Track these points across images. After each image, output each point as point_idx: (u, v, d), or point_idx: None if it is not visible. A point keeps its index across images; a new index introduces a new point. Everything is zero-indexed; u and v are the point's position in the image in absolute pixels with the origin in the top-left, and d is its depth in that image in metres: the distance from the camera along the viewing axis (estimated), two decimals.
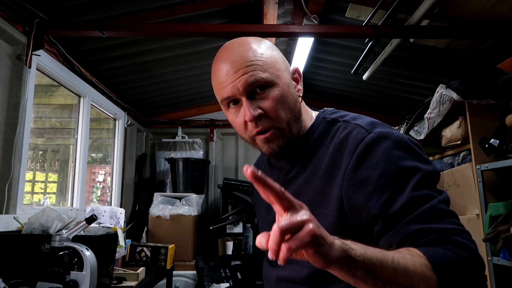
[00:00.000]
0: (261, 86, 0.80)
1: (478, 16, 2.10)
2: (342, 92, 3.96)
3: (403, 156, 0.74)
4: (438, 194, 0.75)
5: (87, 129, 2.87)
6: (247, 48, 0.84)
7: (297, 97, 0.87)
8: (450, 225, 0.71)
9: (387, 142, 0.75)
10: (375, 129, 0.78)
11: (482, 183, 2.11)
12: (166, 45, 2.80)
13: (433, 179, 0.77)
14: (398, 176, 0.73)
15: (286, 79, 0.84)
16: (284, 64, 0.86)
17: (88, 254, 1.32)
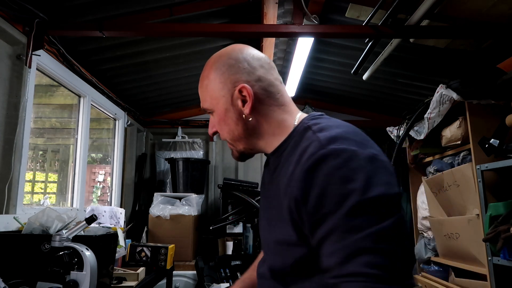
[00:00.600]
0: (207, 111, 0.94)
1: (478, 16, 2.10)
2: (342, 92, 3.96)
3: (346, 178, 0.69)
4: (375, 223, 0.66)
5: (87, 129, 2.87)
6: (201, 77, 0.97)
7: (240, 117, 0.89)
8: (357, 268, 0.64)
9: (335, 161, 0.70)
10: (330, 145, 0.73)
11: (482, 183, 2.11)
12: (166, 45, 2.80)
13: (376, 206, 0.68)
14: (333, 200, 0.68)
15: (224, 105, 0.89)
16: (223, 88, 0.89)
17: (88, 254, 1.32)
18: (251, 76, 0.88)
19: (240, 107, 0.88)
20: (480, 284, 2.26)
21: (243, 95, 0.87)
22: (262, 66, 0.90)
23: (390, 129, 3.36)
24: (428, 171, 2.83)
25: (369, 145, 0.76)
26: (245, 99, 0.87)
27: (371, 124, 4.24)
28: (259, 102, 0.88)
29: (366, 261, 0.64)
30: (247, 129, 0.90)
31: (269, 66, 0.92)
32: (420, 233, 3.09)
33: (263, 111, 0.89)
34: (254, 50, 0.94)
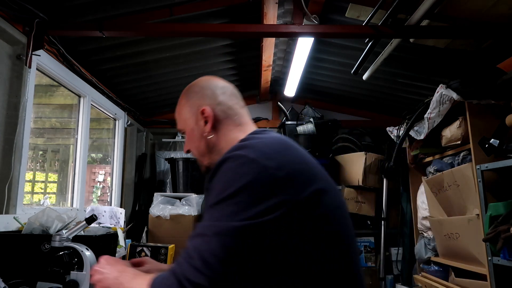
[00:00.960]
0: (181, 132, 1.12)
1: (478, 16, 2.10)
2: (342, 92, 3.96)
3: (228, 179, 0.82)
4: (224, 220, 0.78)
5: (87, 129, 2.86)
6: (178, 103, 1.13)
7: (203, 135, 1.05)
8: (188, 247, 0.79)
9: (226, 164, 0.84)
10: (234, 151, 0.85)
11: (482, 183, 2.11)
12: (166, 45, 2.80)
13: (233, 205, 0.79)
14: (213, 203, 0.82)
15: (190, 125, 1.07)
16: (190, 111, 1.07)
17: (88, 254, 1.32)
18: (213, 100, 1.05)
19: (203, 126, 1.04)
20: (480, 284, 2.26)
21: (204, 115, 1.04)
22: (224, 93, 1.08)
23: (390, 129, 3.36)
24: (428, 171, 2.83)
25: (275, 158, 0.83)
26: (207, 119, 1.04)
27: (371, 124, 4.24)
28: (218, 122, 1.04)
29: (194, 244, 0.78)
30: (208, 146, 1.05)
31: (230, 93, 1.09)
32: (420, 233, 3.09)
33: (222, 130, 1.04)
34: (220, 80, 1.12)
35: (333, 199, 0.87)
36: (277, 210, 0.77)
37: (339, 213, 0.88)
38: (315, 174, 0.87)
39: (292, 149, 0.89)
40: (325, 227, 0.83)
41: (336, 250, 0.84)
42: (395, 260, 3.60)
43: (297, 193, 0.80)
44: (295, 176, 0.81)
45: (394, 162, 3.28)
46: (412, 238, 3.31)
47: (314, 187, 0.82)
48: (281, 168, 0.81)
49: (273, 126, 4.25)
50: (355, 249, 0.92)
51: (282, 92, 3.95)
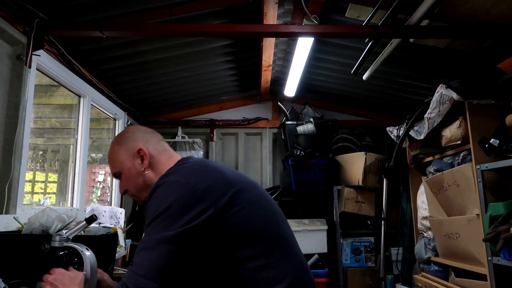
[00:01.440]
0: (117, 175, 1.25)
1: (478, 16, 2.10)
2: (342, 92, 3.96)
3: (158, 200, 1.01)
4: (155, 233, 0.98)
5: (87, 129, 2.86)
6: (109, 151, 1.27)
7: (140, 171, 1.21)
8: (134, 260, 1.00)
9: (157, 190, 1.04)
10: (157, 181, 1.07)
11: (482, 183, 2.11)
12: (166, 45, 2.79)
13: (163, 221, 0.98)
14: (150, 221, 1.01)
15: (127, 165, 1.22)
16: (126, 153, 1.23)
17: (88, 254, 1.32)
18: (145, 142, 1.25)
19: (140, 164, 1.21)
20: (480, 284, 2.26)
21: (141, 154, 1.21)
22: (153, 137, 1.29)
23: (390, 129, 3.36)
24: (428, 171, 2.83)
25: (194, 177, 1.04)
26: (143, 157, 1.21)
27: (371, 124, 4.24)
28: (152, 158, 1.22)
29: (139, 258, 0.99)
30: (145, 181, 1.20)
31: (154, 135, 1.32)
32: (420, 233, 3.09)
33: (156, 165, 1.21)
34: (145, 127, 1.34)
35: (251, 193, 1.09)
36: (201, 216, 0.96)
37: (262, 203, 1.10)
38: (231, 181, 1.07)
39: (208, 168, 1.10)
40: (247, 220, 1.02)
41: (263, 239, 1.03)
42: (395, 260, 3.60)
43: (216, 200, 0.99)
44: (212, 187, 1.01)
45: (394, 162, 3.28)
46: (412, 238, 3.31)
47: (232, 191, 1.03)
48: (199, 183, 1.01)
49: (273, 126, 4.25)
50: (282, 230, 1.11)
51: (282, 92, 3.95)
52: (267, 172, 4.17)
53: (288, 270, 1.03)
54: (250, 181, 1.16)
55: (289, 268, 1.04)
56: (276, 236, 1.07)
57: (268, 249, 1.02)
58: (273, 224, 1.09)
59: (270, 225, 1.08)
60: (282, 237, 1.09)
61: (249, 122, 4.25)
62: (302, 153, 3.58)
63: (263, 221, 1.06)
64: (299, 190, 3.71)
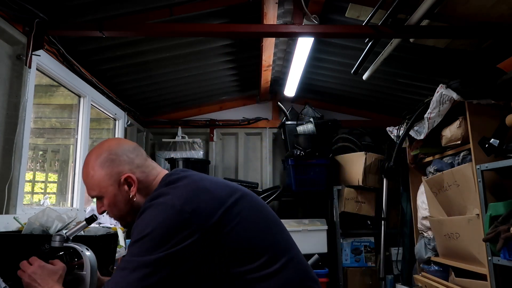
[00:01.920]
0: (98, 197, 1.16)
1: (478, 16, 2.10)
2: (342, 92, 3.96)
3: (141, 224, 0.99)
4: (136, 255, 0.96)
5: (87, 129, 2.86)
6: (84, 170, 1.16)
7: (128, 199, 1.13)
8: (112, 277, 0.99)
9: (145, 212, 1.02)
10: (145, 204, 1.05)
11: (482, 183, 2.11)
12: (166, 45, 2.79)
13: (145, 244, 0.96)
14: (133, 241, 0.99)
15: (112, 192, 1.13)
16: (111, 179, 1.13)
17: (88, 254, 1.32)
18: (132, 165, 1.14)
19: (127, 190, 1.13)
20: (480, 284, 2.26)
21: (128, 181, 1.13)
22: (137, 155, 1.17)
23: (390, 129, 3.36)
24: (428, 171, 2.83)
25: (181, 197, 1.01)
26: (130, 184, 1.13)
27: (371, 124, 4.24)
28: (140, 183, 1.14)
29: (117, 277, 0.96)
30: (133, 207, 1.14)
31: (139, 151, 1.18)
32: (420, 233, 3.09)
33: (143, 190, 1.14)
34: (127, 142, 1.21)
35: (243, 206, 1.06)
36: (186, 241, 0.94)
37: (254, 214, 1.08)
38: (221, 199, 1.04)
39: (197, 189, 1.05)
40: (242, 235, 1.01)
41: (260, 251, 1.01)
42: (395, 260, 3.61)
43: (204, 222, 0.97)
44: (199, 209, 0.98)
45: (394, 162, 3.29)
46: (412, 238, 3.31)
47: (222, 209, 1.01)
48: (186, 205, 0.98)
49: (273, 126, 4.25)
50: (279, 237, 1.10)
51: (282, 92, 3.95)
52: (267, 172, 4.17)
53: (289, 276, 1.03)
54: (241, 190, 1.12)
55: (290, 275, 1.03)
56: (273, 245, 1.06)
57: (267, 259, 1.02)
58: (269, 233, 1.09)
59: (266, 235, 1.07)
60: (279, 244, 1.08)
61: (249, 122, 4.25)
62: (302, 153, 3.58)
63: (259, 233, 1.05)
64: (299, 190, 3.71)
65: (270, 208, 1.18)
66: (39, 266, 1.17)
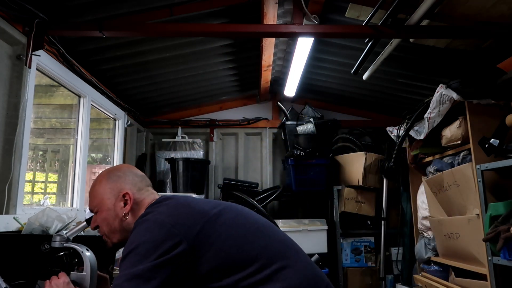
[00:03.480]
0: (92, 210, 1.26)
1: (478, 16, 2.10)
2: (342, 92, 3.96)
3: (132, 239, 1.04)
4: (129, 268, 0.98)
5: (87, 129, 2.86)
6: (93, 182, 1.27)
7: (121, 216, 1.20)
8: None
9: (136, 229, 1.08)
10: (142, 218, 1.10)
11: (482, 183, 2.11)
12: (166, 45, 2.79)
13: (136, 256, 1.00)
14: (123, 257, 1.03)
15: (107, 205, 1.21)
16: (112, 192, 1.22)
17: (88, 254, 1.32)
18: (134, 186, 1.23)
19: (121, 207, 1.20)
20: (480, 284, 2.26)
21: (125, 198, 1.20)
22: (141, 181, 1.26)
23: (390, 129, 3.36)
24: (428, 171, 2.83)
25: (164, 213, 1.08)
26: (126, 202, 1.20)
27: (371, 124, 4.24)
28: (135, 204, 1.21)
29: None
30: (122, 226, 1.20)
31: (144, 179, 1.29)
32: (420, 233, 3.09)
33: (137, 211, 1.20)
34: (137, 169, 1.32)
35: (227, 217, 1.10)
36: (172, 251, 0.98)
37: (241, 222, 1.12)
38: (201, 212, 1.09)
39: (180, 205, 1.11)
40: (228, 244, 1.04)
41: (250, 257, 1.03)
42: (395, 260, 3.61)
43: (186, 233, 1.01)
44: (180, 221, 1.04)
45: (394, 162, 3.29)
46: (412, 238, 3.31)
47: (203, 221, 1.05)
48: (167, 219, 1.04)
49: (273, 126, 4.25)
50: (273, 246, 1.10)
51: (282, 92, 3.95)
52: (267, 172, 4.17)
53: (288, 275, 1.02)
54: (224, 204, 1.18)
55: (290, 274, 1.03)
56: (265, 251, 1.06)
57: (259, 266, 1.02)
58: (259, 239, 1.09)
59: (255, 242, 1.08)
60: (272, 250, 1.08)
61: (249, 122, 4.25)
62: (302, 153, 3.58)
63: (247, 241, 1.07)
64: (299, 190, 3.71)
65: (259, 216, 1.20)
66: (64, 282, 1.22)
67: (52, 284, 1.21)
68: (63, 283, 1.21)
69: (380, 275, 3.56)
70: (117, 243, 1.24)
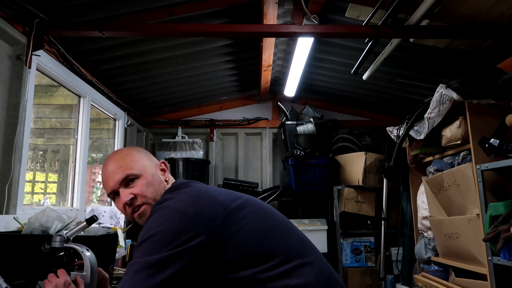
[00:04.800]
0: (132, 179, 1.20)
1: (478, 16, 2.10)
2: (342, 92, 3.96)
3: (149, 226, 1.03)
4: (145, 255, 0.98)
5: (87, 129, 2.86)
6: (122, 153, 1.28)
7: (162, 181, 1.24)
8: (124, 276, 0.98)
9: (154, 215, 1.05)
10: (154, 207, 1.10)
11: (482, 183, 2.11)
12: (166, 45, 2.79)
13: (146, 264, 0.97)
14: (138, 244, 1.02)
15: (151, 171, 1.23)
16: (150, 161, 1.27)
17: (88, 254, 1.32)
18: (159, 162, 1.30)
19: (161, 174, 1.26)
20: (480, 284, 2.26)
21: (162, 167, 1.28)
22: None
23: (390, 129, 3.36)
24: (428, 171, 2.83)
25: (184, 201, 1.06)
26: (164, 169, 1.28)
27: (371, 124, 4.24)
28: (169, 172, 1.29)
29: (128, 274, 0.97)
30: (163, 188, 1.22)
31: None
32: (420, 233, 3.09)
33: (170, 179, 1.28)
34: None
35: (248, 210, 1.09)
36: (190, 242, 0.97)
37: (262, 218, 1.10)
38: (223, 203, 1.07)
39: (201, 194, 1.09)
40: (249, 237, 1.03)
41: (269, 252, 1.03)
42: (395, 260, 3.61)
43: (207, 225, 0.99)
44: (202, 212, 1.02)
45: (394, 162, 3.29)
46: (412, 238, 3.31)
47: (226, 212, 1.04)
48: (188, 208, 1.01)
49: (273, 126, 4.25)
50: (292, 243, 1.10)
51: (282, 92, 3.95)
52: (267, 172, 4.17)
53: (306, 273, 1.03)
54: (245, 197, 1.16)
55: (308, 272, 1.03)
56: (285, 248, 1.06)
57: (279, 261, 1.02)
58: (279, 236, 1.09)
59: (276, 238, 1.07)
60: (290, 246, 1.08)
61: (249, 122, 4.25)
62: (302, 153, 3.59)
63: (267, 236, 1.06)
64: (299, 190, 3.71)
65: (279, 213, 1.20)
66: (65, 282, 1.22)
67: (53, 284, 1.19)
68: (64, 283, 1.20)
69: (380, 275, 3.56)
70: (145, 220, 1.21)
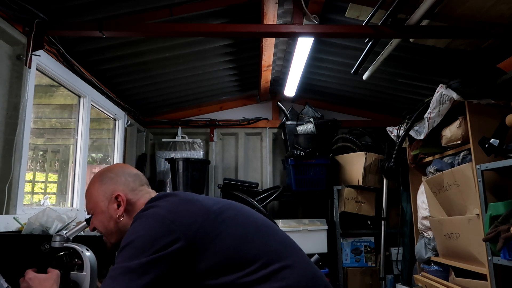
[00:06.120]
0: (88, 212, 1.27)
1: (478, 16, 2.10)
2: (342, 92, 3.96)
3: (131, 232, 1.04)
4: (126, 261, 0.98)
5: (87, 129, 2.86)
6: (88, 184, 1.28)
7: (115, 218, 1.20)
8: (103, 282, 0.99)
9: (135, 222, 1.07)
10: (141, 212, 1.09)
11: (482, 183, 2.11)
12: (166, 45, 2.79)
13: (131, 250, 0.99)
14: (119, 250, 1.03)
15: (101, 207, 1.22)
16: (104, 195, 1.22)
17: (88, 254, 1.32)
18: (127, 187, 1.22)
19: (115, 209, 1.20)
20: (480, 284, 2.26)
21: (118, 200, 1.20)
22: (135, 180, 1.25)
23: (390, 129, 3.36)
24: (428, 171, 2.83)
25: (164, 208, 1.07)
26: (120, 203, 1.20)
27: (371, 124, 4.24)
28: (130, 205, 1.20)
29: (109, 279, 0.98)
30: (119, 227, 1.20)
31: (138, 177, 1.26)
32: (420, 233, 3.09)
33: (132, 211, 1.18)
34: (131, 168, 1.31)
35: (227, 215, 1.09)
36: (169, 247, 0.97)
37: (242, 221, 1.10)
38: (203, 208, 1.07)
39: (182, 201, 1.10)
40: (228, 242, 1.03)
41: (250, 256, 1.02)
42: (395, 260, 3.61)
43: (185, 230, 1.00)
44: (180, 218, 1.03)
45: (394, 162, 3.29)
46: (412, 238, 3.31)
47: (204, 217, 1.04)
48: (167, 215, 1.03)
49: (273, 126, 4.25)
50: (273, 246, 1.09)
51: (282, 92, 3.95)
52: (267, 172, 4.17)
53: (287, 275, 1.02)
54: (226, 201, 1.17)
55: (288, 274, 1.02)
56: (265, 252, 1.05)
57: (258, 266, 1.01)
58: (259, 239, 1.08)
59: (256, 242, 1.07)
60: (271, 250, 1.07)
61: (249, 122, 4.25)
62: (302, 153, 3.59)
63: (247, 240, 1.06)
64: (299, 190, 3.71)
65: (260, 215, 1.19)
66: (34, 276, 1.24)
67: (32, 278, 1.22)
68: (34, 277, 1.23)
69: (380, 275, 3.56)
70: (115, 243, 1.23)
